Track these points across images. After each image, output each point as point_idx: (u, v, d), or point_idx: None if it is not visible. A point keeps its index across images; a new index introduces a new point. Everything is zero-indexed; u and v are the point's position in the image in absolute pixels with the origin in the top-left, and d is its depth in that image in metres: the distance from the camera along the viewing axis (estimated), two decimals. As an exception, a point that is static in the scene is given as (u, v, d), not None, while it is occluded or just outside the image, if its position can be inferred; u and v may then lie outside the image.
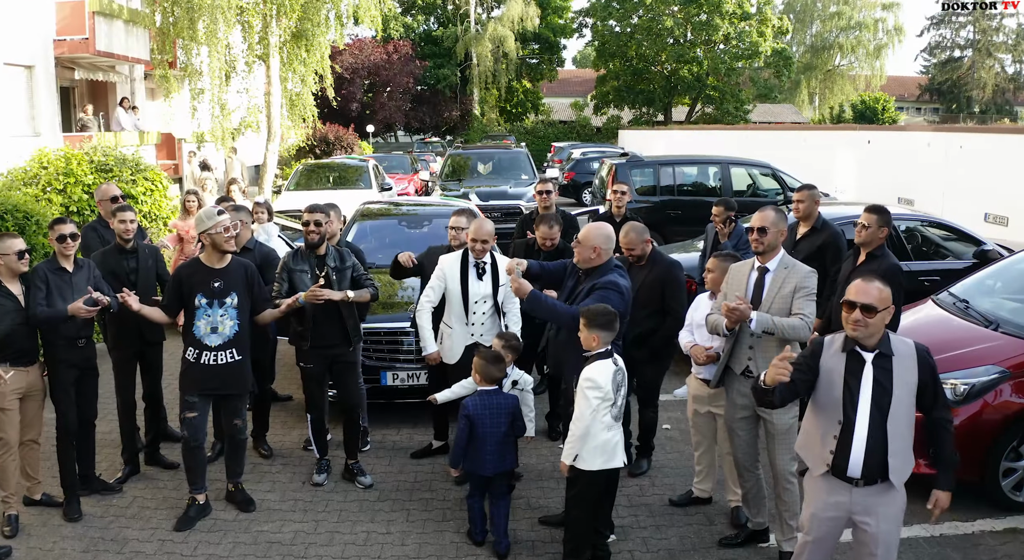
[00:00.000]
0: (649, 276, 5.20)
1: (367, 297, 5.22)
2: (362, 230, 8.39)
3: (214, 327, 4.69)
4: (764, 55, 39.00)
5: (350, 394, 5.32)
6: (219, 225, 4.64)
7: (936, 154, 13.23)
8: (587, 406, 3.88)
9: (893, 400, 3.24)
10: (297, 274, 5.15)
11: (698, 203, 12.76)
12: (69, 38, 17.36)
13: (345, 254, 5.30)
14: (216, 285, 4.67)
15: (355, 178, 14.84)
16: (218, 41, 16.44)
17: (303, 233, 5.21)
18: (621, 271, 4.47)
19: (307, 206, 5.26)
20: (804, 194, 6.10)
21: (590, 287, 4.32)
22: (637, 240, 5.19)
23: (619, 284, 4.33)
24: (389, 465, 5.59)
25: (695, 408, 4.82)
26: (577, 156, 24.80)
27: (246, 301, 4.78)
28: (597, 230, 4.48)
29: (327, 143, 22.64)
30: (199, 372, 4.70)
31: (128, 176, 9.86)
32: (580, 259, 4.46)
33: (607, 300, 4.21)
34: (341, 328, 5.18)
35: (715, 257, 4.67)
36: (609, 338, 3.95)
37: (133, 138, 18.47)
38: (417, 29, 45.63)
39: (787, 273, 4.19)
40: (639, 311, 5.18)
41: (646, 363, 5.25)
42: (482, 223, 5.31)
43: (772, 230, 4.22)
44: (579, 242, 4.45)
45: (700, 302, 4.77)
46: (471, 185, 14.29)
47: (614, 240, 4.52)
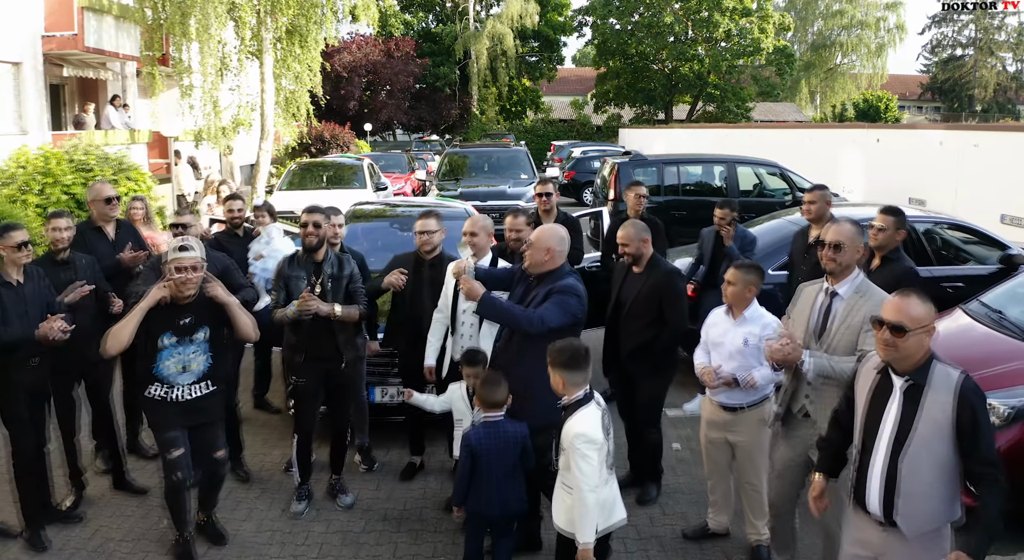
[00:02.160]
0: (646, 284, 4.80)
1: (354, 316, 4.78)
2: (352, 232, 7.98)
3: (185, 365, 4.15)
4: (766, 52, 38.57)
5: (342, 415, 4.92)
6: (176, 263, 3.98)
7: (949, 153, 12.80)
8: (590, 468, 3.32)
9: (914, 438, 2.78)
10: (294, 280, 4.76)
11: (703, 203, 12.29)
12: (57, 34, 16.94)
13: (345, 262, 4.88)
14: (184, 322, 4.11)
15: (349, 178, 14.42)
16: (210, 37, 15.99)
17: (300, 235, 4.81)
18: (576, 276, 4.14)
19: (306, 207, 4.86)
20: (816, 195, 5.71)
21: (546, 292, 3.98)
22: (634, 236, 4.81)
23: (577, 288, 4.02)
24: (376, 490, 5.16)
25: (709, 435, 4.37)
26: (577, 155, 24.36)
27: (220, 330, 4.25)
28: (550, 231, 4.13)
29: (323, 141, 22.20)
30: (173, 409, 4.15)
31: (110, 176, 9.44)
32: (531, 263, 4.10)
33: (566, 306, 3.92)
34: (332, 341, 4.77)
35: (736, 268, 4.19)
36: (580, 379, 3.43)
37: (124, 137, 18.06)
38: (416, 26, 45.19)
39: (860, 301, 3.58)
40: (635, 322, 4.81)
41: (645, 377, 4.84)
42: (477, 217, 4.93)
43: (849, 247, 3.64)
44: (530, 244, 4.10)
45: (717, 319, 4.31)
46: (469, 185, 13.87)
47: (568, 242, 4.19)
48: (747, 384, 4.04)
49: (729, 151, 18.01)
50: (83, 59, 18.38)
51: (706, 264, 6.75)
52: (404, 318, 5.15)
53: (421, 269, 5.09)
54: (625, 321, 4.88)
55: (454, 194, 13.12)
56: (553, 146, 32.19)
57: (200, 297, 4.13)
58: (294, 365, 4.83)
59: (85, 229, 5.71)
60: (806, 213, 5.73)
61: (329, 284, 4.75)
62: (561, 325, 3.89)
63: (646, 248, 4.86)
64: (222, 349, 4.29)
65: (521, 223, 5.43)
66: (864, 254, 3.82)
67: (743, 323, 4.14)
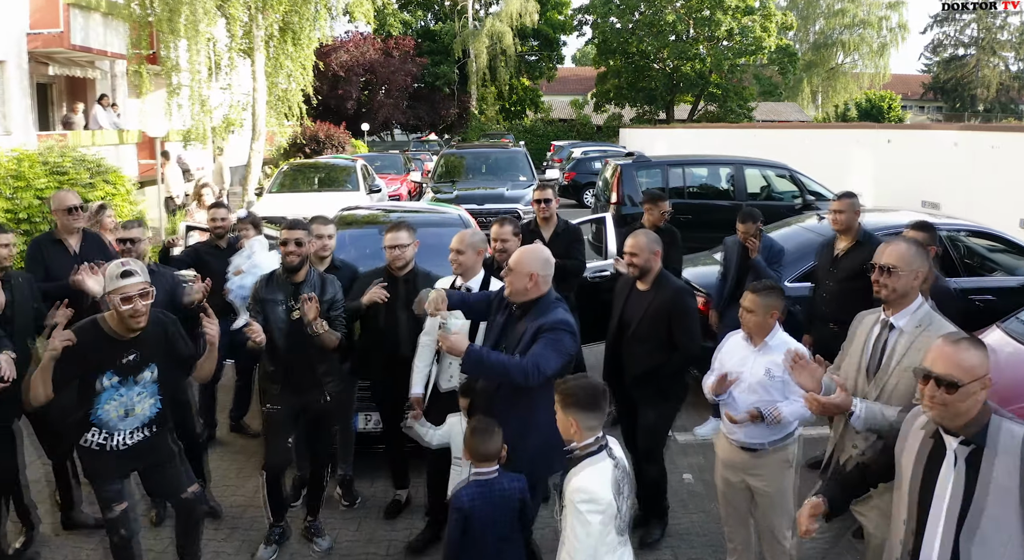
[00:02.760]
0: (653, 303, 4.32)
1: (332, 341, 4.26)
2: (340, 239, 7.48)
3: (128, 410, 3.59)
4: (768, 51, 38.09)
5: (321, 449, 4.44)
6: (120, 292, 3.41)
7: (964, 155, 12.31)
8: (586, 532, 2.79)
9: (978, 513, 2.28)
10: (270, 304, 4.25)
11: (710, 207, 11.87)
12: (43, 32, 16.46)
13: (328, 284, 4.36)
14: (129, 359, 3.54)
15: (342, 180, 13.90)
16: (199, 34, 15.50)
17: (282, 253, 4.30)
18: (563, 304, 3.64)
19: (286, 222, 4.38)
20: (844, 204, 5.21)
21: (535, 329, 3.46)
22: (645, 247, 4.33)
23: (569, 323, 3.51)
24: (357, 531, 4.68)
25: (726, 477, 3.85)
26: (578, 156, 23.89)
27: (169, 369, 3.71)
28: (532, 253, 3.60)
29: (317, 142, 21.71)
30: (111, 459, 3.59)
31: (86, 179, 8.95)
32: (513, 290, 3.58)
33: (560, 347, 3.41)
34: (311, 370, 4.28)
35: (754, 293, 3.66)
36: (595, 423, 2.91)
37: (112, 137, 17.59)
38: (415, 25, 44.71)
39: (922, 336, 3.03)
40: (640, 345, 4.34)
41: (649, 405, 4.36)
42: (465, 232, 4.37)
43: (905, 271, 3.07)
44: (509, 269, 3.57)
45: (734, 346, 3.81)
46: (465, 187, 13.37)
47: (552, 264, 3.66)
48: (773, 419, 3.55)
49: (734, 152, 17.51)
50: (70, 57, 17.90)
51: (731, 277, 6.23)
52: (377, 341, 4.64)
53: (394, 287, 4.56)
54: (629, 344, 4.41)
55: (450, 197, 12.63)
56: (553, 146, 31.71)
57: (146, 330, 3.57)
58: (269, 394, 4.34)
59: (44, 242, 5.22)
60: (834, 223, 5.26)
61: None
62: (558, 370, 3.40)
63: (655, 262, 4.38)
64: (172, 389, 3.78)
65: (508, 233, 4.95)
66: (928, 278, 3.25)
67: (765, 352, 3.65)
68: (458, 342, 3.37)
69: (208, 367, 3.82)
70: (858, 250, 5.11)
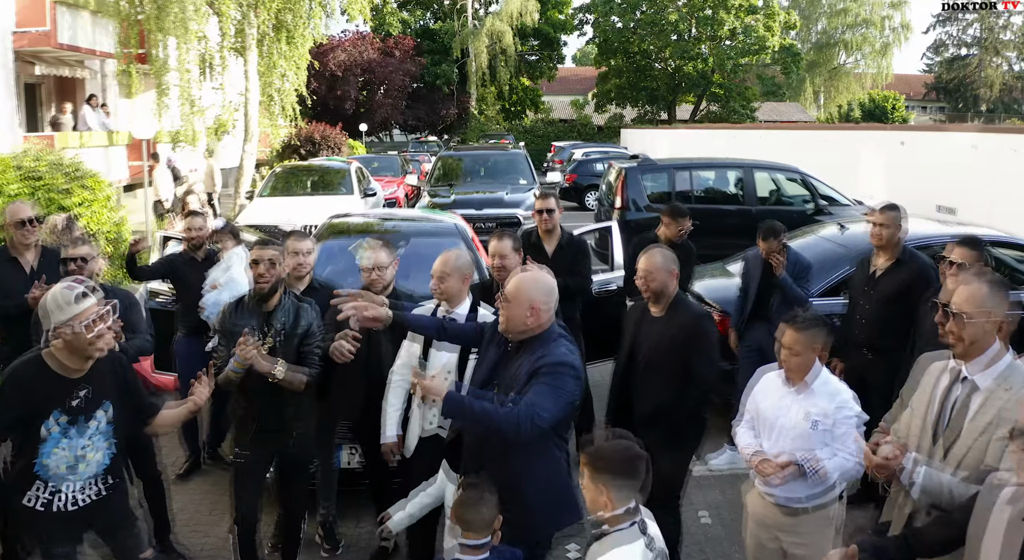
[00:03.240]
0: (668, 330, 3.81)
1: (299, 383, 3.73)
2: (328, 250, 7.02)
3: (77, 459, 3.04)
4: (771, 51, 37.62)
5: (292, 503, 3.98)
6: (80, 318, 2.90)
7: (983, 158, 11.84)
8: None
9: None
10: (237, 334, 3.71)
11: (718, 212, 11.39)
12: (29, 30, 15.99)
13: (303, 313, 3.84)
14: (80, 397, 3.02)
15: (336, 183, 13.42)
16: (188, 32, 15.02)
17: (253, 276, 3.80)
18: (567, 339, 3.10)
19: (256, 241, 3.89)
20: (888, 217, 4.66)
21: (532, 369, 2.94)
22: (661, 267, 3.81)
23: (573, 362, 2.99)
24: (339, 583, 4.21)
25: (758, 537, 3.33)
26: (579, 157, 23.39)
27: (124, 410, 3.18)
28: (533, 282, 3.05)
29: (313, 143, 21.23)
30: (55, 522, 3.05)
31: (61, 184, 8.47)
32: (509, 323, 3.04)
33: (560, 391, 2.88)
34: (282, 415, 3.79)
35: (795, 328, 3.14)
36: (629, 492, 2.45)
37: (101, 139, 17.12)
38: (414, 24, 44.24)
39: (1006, 396, 2.53)
40: (653, 378, 3.82)
41: (663, 449, 3.85)
42: (450, 255, 3.76)
43: (978, 318, 2.57)
44: (505, 299, 3.05)
45: (769, 387, 3.30)
46: (463, 191, 12.88)
47: (556, 295, 3.12)
48: (815, 475, 3.06)
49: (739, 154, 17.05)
50: (58, 57, 17.44)
51: (752, 294, 5.70)
52: (356, 374, 4.08)
53: None
54: (640, 377, 3.91)
55: (447, 201, 12.14)
56: (553, 147, 31.24)
57: (98, 362, 3.06)
58: (239, 439, 3.85)
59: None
60: (874, 238, 4.72)
61: (280, 341, 3.74)
62: (558, 420, 2.90)
63: (672, 283, 3.88)
64: (126, 433, 3.26)
65: (507, 248, 4.38)
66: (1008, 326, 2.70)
67: (807, 395, 3.15)
68: (435, 386, 2.86)
69: (171, 422, 3.36)
70: (898, 270, 4.62)
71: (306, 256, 4.44)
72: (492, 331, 3.27)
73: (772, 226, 5.48)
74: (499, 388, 3.07)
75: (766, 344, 5.59)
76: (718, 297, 6.50)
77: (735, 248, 9.60)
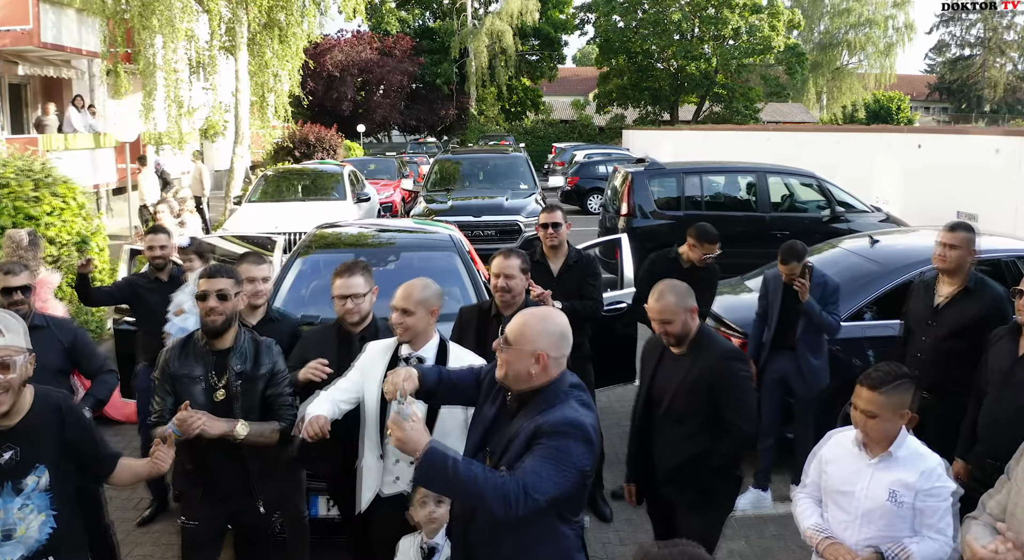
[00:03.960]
0: (692, 371, 3.26)
1: (271, 439, 3.17)
2: (313, 265, 6.46)
3: (7, 532, 2.53)
4: (776, 51, 37.06)
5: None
6: None
7: (1007, 162, 11.28)
8: None
9: None
10: (185, 382, 3.15)
11: (730, 219, 10.80)
12: (12, 29, 15.43)
13: (264, 351, 3.25)
14: (4, 458, 2.53)
15: (328, 187, 12.84)
16: (176, 30, 14.46)
17: (200, 312, 3.19)
18: (581, 393, 2.48)
19: (205, 269, 3.27)
20: (961, 238, 4.00)
21: (532, 431, 2.35)
22: (677, 307, 3.24)
23: (584, 426, 2.35)
24: None
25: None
26: (581, 159, 22.80)
27: (67, 473, 2.64)
28: (543, 323, 2.46)
29: (307, 145, 20.67)
30: None
31: (29, 192, 7.88)
32: (509, 373, 2.45)
33: (565, 462, 2.28)
34: (241, 472, 3.20)
35: (876, 390, 2.53)
36: None
37: (88, 141, 16.56)
38: (413, 23, 43.71)
39: None
40: (676, 428, 3.28)
41: (692, 510, 3.29)
42: (414, 284, 3.21)
43: None
44: (507, 342, 2.45)
45: (839, 453, 2.71)
46: (461, 196, 12.30)
47: (570, 340, 2.50)
48: None
49: (746, 156, 16.48)
50: (43, 56, 16.89)
51: (772, 322, 5.10)
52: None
53: (347, 347, 3.47)
54: (662, 425, 3.36)
55: (444, 207, 11.57)
56: (554, 148, 30.68)
57: (30, 416, 2.53)
58: (187, 502, 3.27)
59: None
60: (940, 260, 4.07)
61: (238, 386, 3.16)
62: (559, 496, 2.31)
63: (693, 321, 3.30)
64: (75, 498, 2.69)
65: (514, 267, 3.82)
66: None
67: (888, 465, 2.58)
68: (414, 436, 2.27)
69: (132, 478, 2.84)
70: (967, 300, 3.99)
71: (262, 283, 3.83)
72: (489, 382, 2.65)
73: (792, 247, 4.86)
74: (490, 454, 2.48)
75: (791, 373, 5.04)
76: (738, 318, 5.90)
77: (747, 257, 9.04)
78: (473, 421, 2.72)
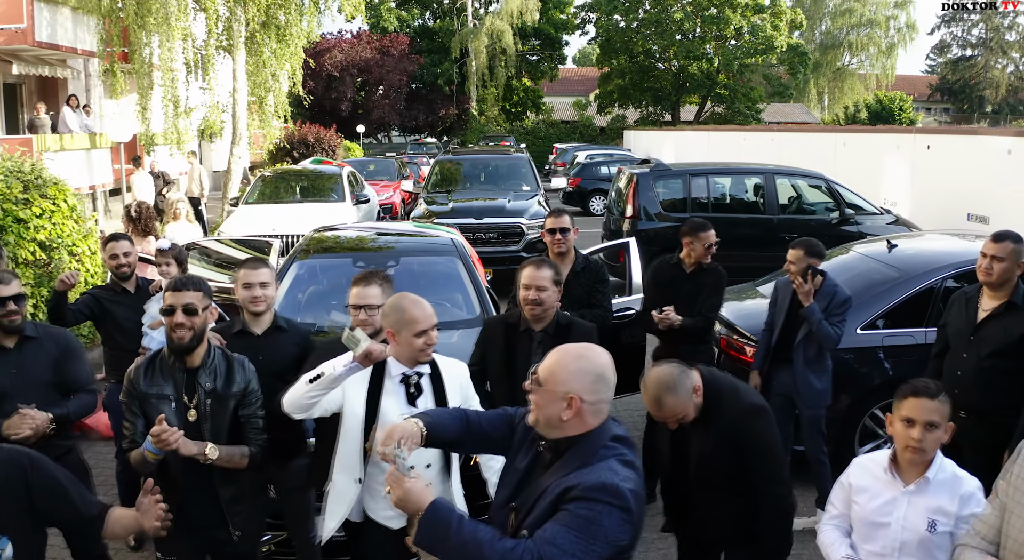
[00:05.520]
0: (710, 441, 2.93)
1: (240, 463, 2.97)
2: (309, 270, 6.24)
3: None
4: (778, 51, 36.85)
5: None
6: None
7: (1019, 164, 11.06)
8: None
9: None
10: (153, 402, 2.94)
11: (737, 221, 10.61)
12: (6, 27, 15.22)
13: (236, 368, 3.06)
14: None
15: (327, 188, 12.62)
16: (172, 29, 14.24)
17: (167, 327, 2.98)
18: (625, 451, 2.13)
19: (171, 282, 3.03)
20: (1005, 249, 3.74)
21: (560, 492, 2.03)
22: (680, 403, 2.83)
23: (620, 492, 2.00)
24: None
25: None
26: (583, 160, 22.59)
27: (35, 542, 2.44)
28: (576, 360, 2.14)
29: (306, 145, 20.46)
30: None
31: (18, 194, 7.66)
32: (540, 417, 2.14)
33: (590, 529, 1.94)
34: (213, 500, 2.98)
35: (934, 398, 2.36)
36: None
37: (83, 141, 16.36)
38: (412, 23, 43.52)
39: None
40: (706, 494, 2.98)
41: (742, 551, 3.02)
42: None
43: None
44: (538, 382, 2.15)
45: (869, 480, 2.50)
46: (462, 198, 12.07)
47: (610, 383, 2.16)
48: None
49: (751, 157, 16.29)
50: (38, 55, 16.68)
51: (777, 331, 4.85)
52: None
53: None
54: (696, 495, 3.07)
55: (445, 209, 11.34)
56: (555, 149, 30.48)
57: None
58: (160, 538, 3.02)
59: None
60: (983, 273, 3.80)
61: (208, 406, 2.96)
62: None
63: (699, 398, 2.89)
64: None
65: (546, 279, 3.60)
66: None
67: (925, 491, 2.38)
68: (416, 494, 2.03)
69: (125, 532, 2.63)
70: (1013, 315, 3.73)
71: (261, 288, 3.57)
72: (524, 428, 2.32)
73: (808, 240, 4.65)
74: (516, 511, 2.19)
75: (793, 391, 4.74)
76: (751, 326, 5.65)
77: (754, 260, 8.85)
78: (504, 471, 2.40)
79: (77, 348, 3.73)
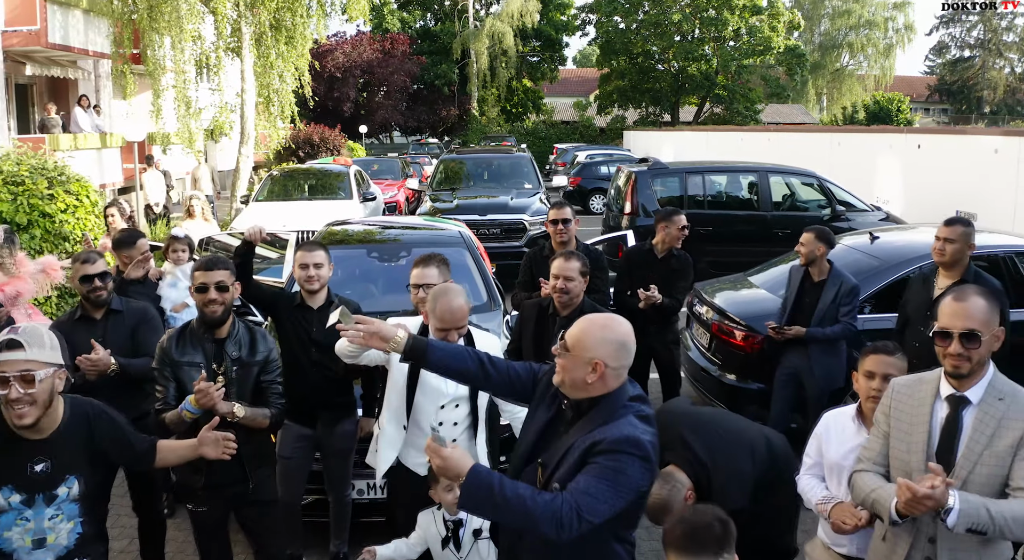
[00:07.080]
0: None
1: (261, 423, 3.32)
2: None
3: (39, 539, 2.60)
4: (776, 52, 37.20)
5: (263, 542, 3.52)
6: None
7: (1006, 162, 11.41)
8: None
9: None
10: (185, 369, 3.29)
11: (732, 218, 10.97)
12: (19, 29, 15.56)
13: (259, 339, 3.43)
14: (37, 470, 2.58)
15: (334, 187, 12.98)
16: (183, 31, 14.60)
17: (199, 303, 3.34)
18: (642, 407, 2.37)
19: (200, 261, 3.43)
20: (957, 232, 4.18)
21: (587, 447, 2.27)
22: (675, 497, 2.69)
23: (641, 443, 2.26)
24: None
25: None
26: (583, 160, 22.95)
27: (99, 481, 2.75)
28: (601, 330, 2.36)
29: (311, 145, 20.81)
30: None
31: (44, 189, 8.02)
32: (565, 380, 2.37)
33: (621, 482, 2.20)
34: (236, 458, 3.26)
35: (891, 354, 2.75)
36: None
37: (95, 141, 16.69)
38: (414, 24, 43.85)
39: (1004, 409, 2.36)
40: None
41: None
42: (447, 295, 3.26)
43: (987, 334, 2.35)
44: (565, 348, 2.37)
45: (838, 428, 2.88)
46: (466, 196, 12.43)
47: (631, 351, 2.38)
48: None
49: (748, 157, 16.61)
50: (50, 57, 17.01)
51: (785, 315, 5.18)
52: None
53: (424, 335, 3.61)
54: None
55: (449, 206, 11.71)
56: (556, 149, 30.81)
57: (64, 427, 2.61)
58: (191, 492, 3.40)
59: None
60: (938, 254, 4.24)
61: (234, 372, 3.31)
62: (615, 515, 2.24)
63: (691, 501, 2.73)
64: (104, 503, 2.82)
65: (574, 271, 3.99)
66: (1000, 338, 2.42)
67: None
68: (455, 461, 2.21)
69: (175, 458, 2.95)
70: None
71: (315, 269, 3.93)
72: (546, 383, 2.52)
73: (821, 229, 5.00)
74: (543, 467, 2.41)
75: (803, 370, 5.11)
76: (742, 312, 6.03)
77: (749, 255, 9.19)
78: (526, 423, 2.63)
79: (152, 319, 4.10)
